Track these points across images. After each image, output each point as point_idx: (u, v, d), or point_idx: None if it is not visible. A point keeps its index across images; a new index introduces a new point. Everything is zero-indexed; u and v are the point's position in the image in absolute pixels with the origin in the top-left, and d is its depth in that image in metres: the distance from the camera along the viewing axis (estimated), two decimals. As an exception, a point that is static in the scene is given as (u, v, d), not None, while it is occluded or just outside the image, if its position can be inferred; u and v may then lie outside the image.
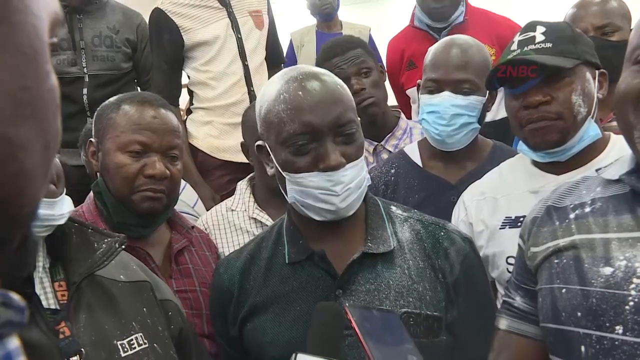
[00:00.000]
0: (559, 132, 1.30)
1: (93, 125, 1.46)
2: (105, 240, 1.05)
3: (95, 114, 1.47)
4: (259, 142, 1.17)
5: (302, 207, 1.13)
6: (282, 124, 1.08)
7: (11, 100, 0.32)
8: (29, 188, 0.34)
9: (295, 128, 1.07)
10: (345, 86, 1.14)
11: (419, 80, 1.75)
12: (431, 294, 1.12)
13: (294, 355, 0.88)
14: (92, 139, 1.46)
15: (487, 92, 1.63)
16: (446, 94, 1.61)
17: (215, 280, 1.27)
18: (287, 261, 1.17)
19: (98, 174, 1.47)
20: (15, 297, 0.33)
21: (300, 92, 1.08)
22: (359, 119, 1.14)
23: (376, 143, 2.06)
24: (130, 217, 1.39)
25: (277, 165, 1.12)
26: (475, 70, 1.61)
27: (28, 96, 0.33)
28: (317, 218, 1.12)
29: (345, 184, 1.08)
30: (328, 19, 3.45)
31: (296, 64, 3.26)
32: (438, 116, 1.62)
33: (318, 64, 2.06)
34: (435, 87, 1.63)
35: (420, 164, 1.74)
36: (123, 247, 1.07)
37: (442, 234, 1.18)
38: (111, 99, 1.47)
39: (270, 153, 1.13)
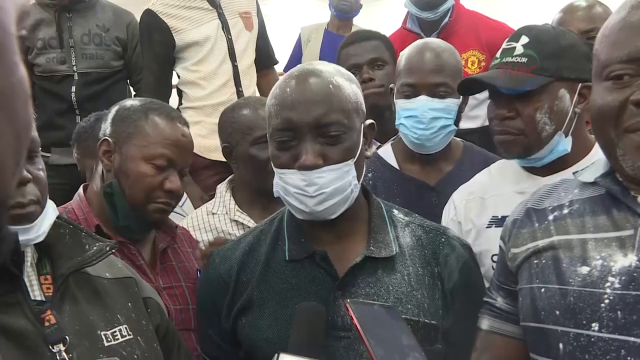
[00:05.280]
0: (520, 147, 1.33)
1: (110, 125, 1.45)
2: (97, 243, 1.08)
3: (115, 113, 1.46)
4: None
5: (286, 204, 1.14)
6: (270, 118, 1.11)
7: None
8: (0, 178, 0.35)
9: (277, 123, 1.09)
10: (344, 87, 1.10)
11: (391, 85, 1.77)
12: (429, 302, 1.13)
13: (276, 355, 0.89)
14: (108, 138, 1.44)
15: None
16: (423, 98, 1.63)
17: (209, 271, 1.25)
18: (287, 258, 1.16)
19: (104, 173, 1.46)
20: None
21: (288, 89, 1.09)
22: (360, 121, 1.13)
23: (380, 144, 2.02)
24: (137, 222, 1.43)
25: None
26: (450, 73, 1.64)
27: None
28: (298, 216, 1.14)
29: (319, 187, 1.07)
30: (342, 18, 3.40)
31: (301, 59, 3.30)
32: (416, 120, 1.64)
33: (338, 51, 2.13)
34: (412, 91, 1.65)
35: (396, 166, 1.76)
36: (113, 251, 1.10)
37: (442, 240, 1.19)
38: (134, 103, 1.47)
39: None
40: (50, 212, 1.04)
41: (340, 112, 1.08)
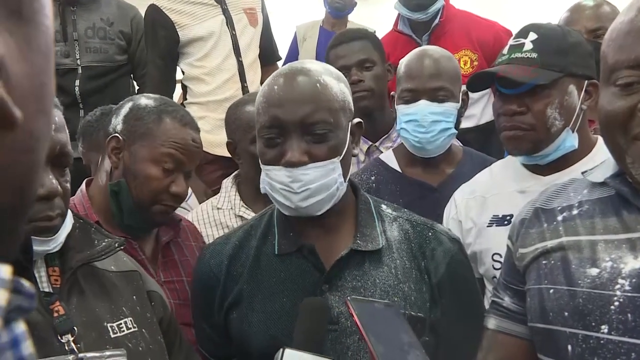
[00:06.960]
0: (530, 142, 1.33)
1: (122, 122, 1.44)
2: (105, 239, 1.10)
3: (129, 111, 1.46)
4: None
5: (272, 200, 1.16)
6: (259, 115, 1.13)
7: (36, 96, 0.34)
8: (37, 178, 0.36)
9: (265, 120, 1.11)
10: (331, 86, 1.12)
11: (392, 92, 1.80)
12: (416, 295, 1.14)
13: (281, 350, 0.89)
14: (118, 135, 1.44)
15: (461, 98, 1.70)
16: (423, 102, 1.65)
17: (200, 265, 1.26)
18: (276, 252, 1.18)
19: (112, 171, 1.46)
20: (26, 283, 0.34)
21: (275, 87, 1.11)
22: (347, 119, 1.14)
23: (371, 143, 2.06)
24: (140, 222, 1.44)
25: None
26: (448, 78, 1.67)
27: (44, 92, 0.35)
28: (284, 212, 1.15)
29: (304, 183, 1.08)
30: (336, 15, 3.40)
31: (298, 57, 3.30)
32: (417, 124, 1.66)
33: (327, 51, 2.12)
34: (412, 96, 1.68)
35: (399, 170, 1.78)
36: (121, 248, 1.12)
37: (429, 234, 1.19)
38: (149, 103, 1.46)
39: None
40: (68, 221, 1.05)
41: (326, 111, 1.09)
